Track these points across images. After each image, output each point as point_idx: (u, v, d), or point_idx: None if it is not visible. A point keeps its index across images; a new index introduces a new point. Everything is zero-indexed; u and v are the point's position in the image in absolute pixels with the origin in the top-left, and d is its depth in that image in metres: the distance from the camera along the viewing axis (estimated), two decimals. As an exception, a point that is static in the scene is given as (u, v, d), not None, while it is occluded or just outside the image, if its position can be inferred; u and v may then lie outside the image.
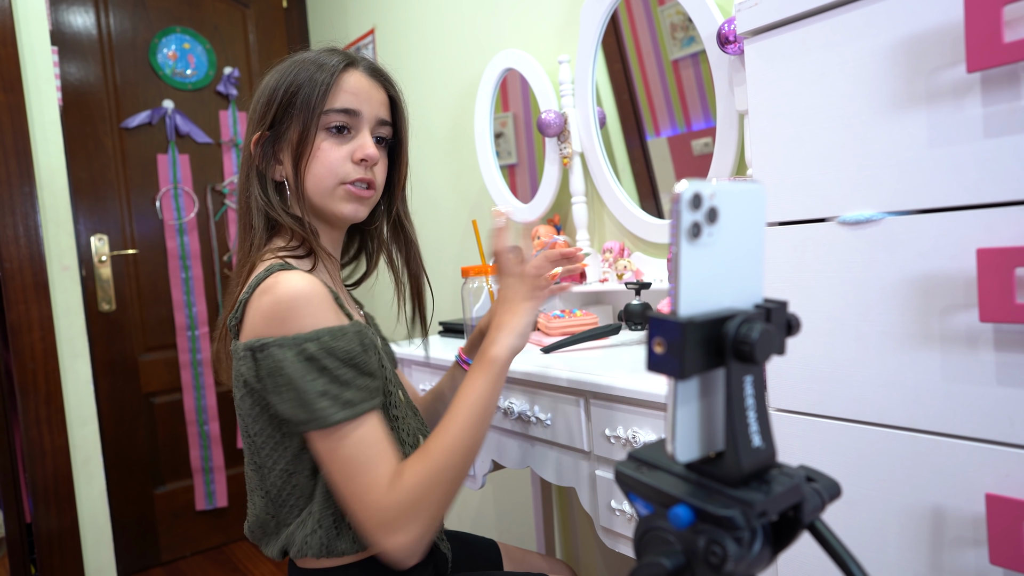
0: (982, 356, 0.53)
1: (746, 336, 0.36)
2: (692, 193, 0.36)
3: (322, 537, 0.84)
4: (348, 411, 0.77)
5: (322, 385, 0.76)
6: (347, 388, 0.77)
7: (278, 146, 0.91)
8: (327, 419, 0.76)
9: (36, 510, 1.92)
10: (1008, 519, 0.51)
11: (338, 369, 0.77)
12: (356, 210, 0.93)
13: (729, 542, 0.36)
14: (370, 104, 0.93)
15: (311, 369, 0.76)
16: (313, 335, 0.77)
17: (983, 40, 0.48)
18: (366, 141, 0.92)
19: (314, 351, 0.76)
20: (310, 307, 0.78)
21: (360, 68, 0.93)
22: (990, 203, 0.52)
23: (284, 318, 0.78)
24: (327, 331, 0.78)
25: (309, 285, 0.79)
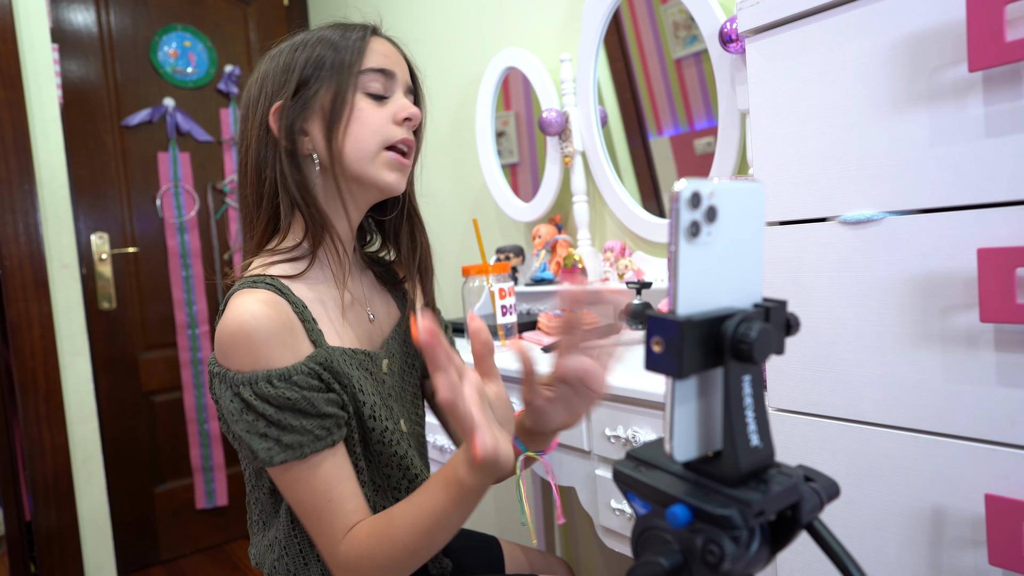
0: (982, 356, 0.53)
1: (744, 335, 0.36)
2: (691, 192, 0.36)
3: (288, 564, 0.82)
4: (289, 453, 0.72)
5: (262, 427, 0.72)
6: (287, 432, 0.73)
7: (306, 115, 0.82)
8: (269, 460, 0.72)
9: (36, 508, 1.92)
10: (1007, 520, 0.51)
11: (275, 414, 0.72)
12: (398, 180, 0.85)
13: (726, 541, 0.36)
14: (400, 67, 0.87)
15: (247, 412, 0.73)
16: (248, 378, 0.72)
17: (985, 39, 0.48)
18: (406, 101, 0.85)
19: (247, 396, 0.72)
20: (249, 345, 0.72)
21: (383, 35, 0.89)
22: (991, 203, 0.52)
23: (226, 351, 0.73)
24: (264, 375, 0.72)
25: (255, 319, 0.72)
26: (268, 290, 0.76)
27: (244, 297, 0.74)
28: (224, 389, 0.73)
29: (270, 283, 0.77)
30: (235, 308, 0.73)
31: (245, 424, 0.72)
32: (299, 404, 0.73)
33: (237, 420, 0.73)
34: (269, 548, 0.84)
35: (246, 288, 0.76)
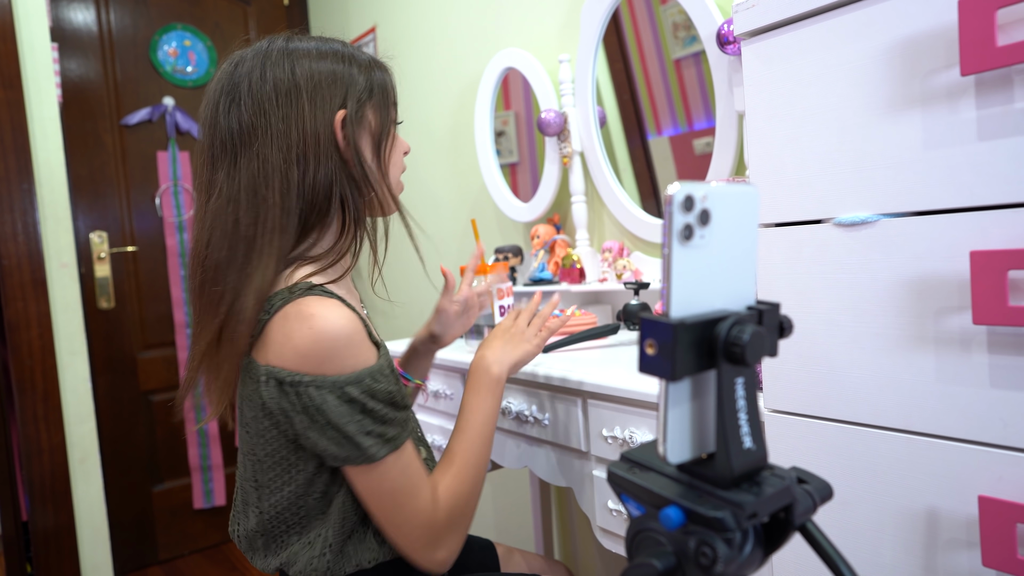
0: (975, 358, 0.53)
1: (737, 338, 0.36)
2: (684, 195, 0.36)
3: (329, 560, 0.83)
4: (391, 446, 0.79)
5: (368, 424, 0.77)
6: (389, 425, 0.79)
7: (359, 131, 0.86)
8: (373, 456, 0.77)
9: (32, 508, 1.92)
10: (1001, 521, 0.51)
11: (379, 409, 0.78)
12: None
13: (719, 543, 0.36)
14: None
15: (354, 411, 0.77)
16: (355, 378, 0.77)
17: (977, 43, 0.48)
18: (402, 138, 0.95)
19: (356, 395, 0.77)
20: (351, 348, 0.77)
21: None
22: (984, 206, 0.52)
23: (323, 358, 0.75)
24: (368, 373, 0.78)
25: (350, 323, 0.77)
26: (324, 295, 0.78)
27: (326, 306, 0.76)
28: (325, 395, 0.75)
29: (324, 291, 0.79)
30: (325, 317, 0.75)
31: (353, 423, 0.76)
32: (396, 396, 0.81)
33: (345, 420, 0.76)
34: (308, 546, 0.84)
35: (309, 297, 0.77)
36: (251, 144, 0.81)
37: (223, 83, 0.84)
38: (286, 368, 0.76)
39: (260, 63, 0.84)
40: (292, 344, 0.75)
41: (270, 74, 0.83)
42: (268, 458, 0.82)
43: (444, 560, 0.83)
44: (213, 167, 0.84)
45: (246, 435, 0.84)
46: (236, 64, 0.85)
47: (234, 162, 0.82)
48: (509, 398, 1.19)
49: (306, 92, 0.83)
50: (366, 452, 0.77)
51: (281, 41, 0.86)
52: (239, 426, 0.87)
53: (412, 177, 2.27)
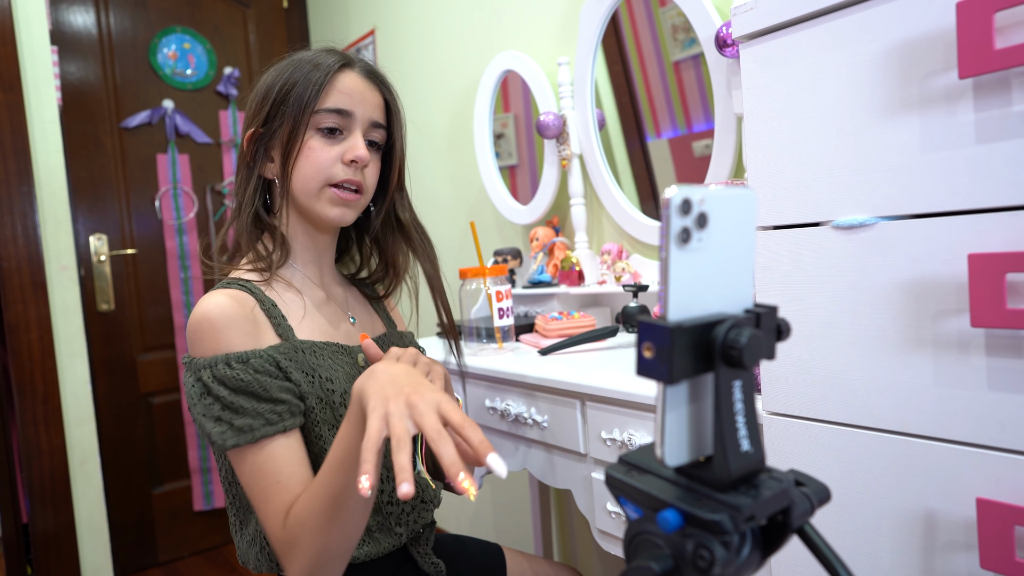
0: (973, 361, 0.53)
1: (734, 341, 0.37)
2: (682, 199, 0.36)
3: (271, 554, 0.84)
4: (241, 437, 0.77)
5: (216, 411, 0.78)
6: (239, 415, 0.78)
7: (270, 143, 0.91)
8: (222, 444, 0.77)
9: (32, 510, 1.92)
10: (999, 523, 0.51)
11: (229, 396, 0.78)
12: (342, 214, 0.92)
13: (717, 546, 0.36)
14: (364, 106, 0.92)
15: (205, 394, 0.79)
16: (208, 362, 0.79)
17: (975, 46, 0.48)
18: (357, 142, 0.90)
19: (205, 378, 0.78)
20: (212, 331, 0.80)
21: (356, 69, 0.93)
22: (982, 208, 0.52)
23: (192, 340, 0.81)
24: (223, 358, 0.79)
25: (218, 307, 0.80)
26: (237, 288, 0.85)
27: (212, 293, 0.83)
28: (188, 375, 0.80)
29: (243, 284, 0.86)
30: (202, 301, 0.82)
31: (202, 407, 0.78)
32: (252, 387, 0.78)
33: (196, 404, 0.79)
34: (251, 543, 0.86)
35: (218, 288, 0.85)
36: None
37: None
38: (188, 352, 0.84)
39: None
40: (187, 325, 0.83)
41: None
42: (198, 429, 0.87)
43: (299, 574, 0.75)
44: None
45: None
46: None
47: None
48: (508, 400, 1.19)
49: (248, 111, 0.94)
50: (212, 439, 0.78)
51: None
52: None
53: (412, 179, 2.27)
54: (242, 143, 0.94)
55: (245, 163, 0.93)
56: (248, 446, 0.78)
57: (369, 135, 0.93)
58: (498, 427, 1.23)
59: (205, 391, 0.78)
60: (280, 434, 0.79)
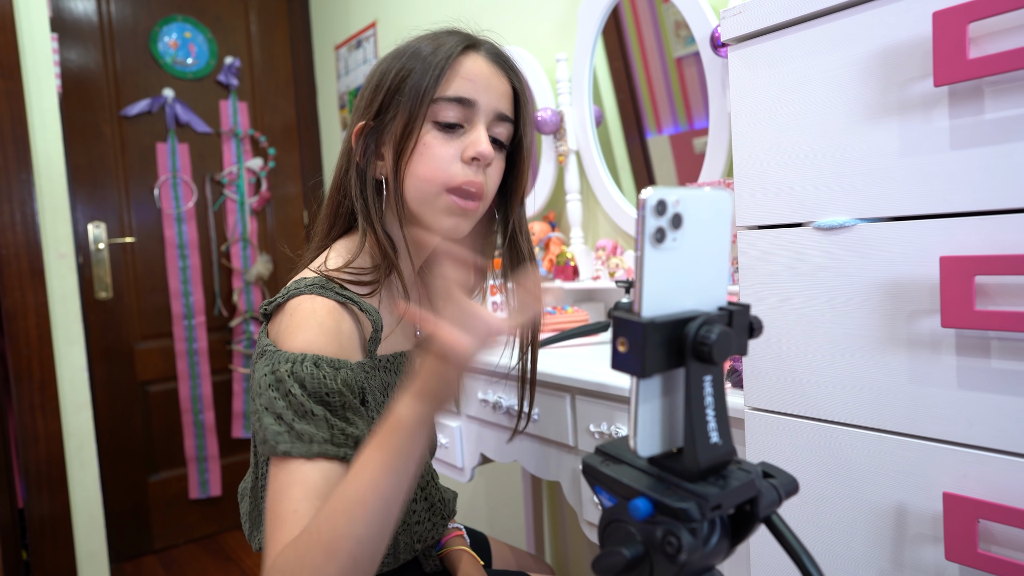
0: (944, 360, 0.55)
1: (705, 337, 0.38)
2: (657, 200, 0.38)
3: None
4: (296, 445, 0.66)
5: (281, 408, 0.67)
6: (305, 420, 0.67)
7: (381, 139, 0.81)
8: (274, 445, 0.66)
9: (29, 495, 1.94)
10: (964, 517, 0.53)
11: (302, 399, 0.67)
12: (457, 226, 0.80)
13: (684, 533, 0.38)
14: (488, 93, 0.80)
15: (275, 389, 0.68)
16: (294, 356, 0.69)
17: (949, 55, 0.50)
18: (480, 136, 0.78)
19: (282, 371, 0.68)
20: (306, 329, 0.70)
21: (482, 52, 0.83)
22: (954, 212, 0.53)
23: (281, 331, 0.72)
24: (312, 357, 0.69)
25: (323, 309, 0.72)
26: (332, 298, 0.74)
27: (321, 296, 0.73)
28: (264, 364, 0.70)
29: (340, 293, 0.75)
30: (310, 298, 0.72)
31: (267, 399, 0.68)
32: (331, 398, 0.68)
33: (261, 394, 0.69)
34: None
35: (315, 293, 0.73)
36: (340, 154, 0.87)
37: None
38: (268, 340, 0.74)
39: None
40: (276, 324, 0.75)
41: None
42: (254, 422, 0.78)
43: None
44: None
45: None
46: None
47: None
48: (500, 393, 1.20)
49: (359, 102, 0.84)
50: (266, 437, 0.67)
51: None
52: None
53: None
54: (349, 138, 0.83)
55: (352, 161, 0.82)
56: (298, 459, 0.65)
57: (493, 130, 0.82)
58: (490, 419, 1.24)
59: (276, 384, 0.68)
60: (337, 460, 0.67)
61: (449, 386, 0.59)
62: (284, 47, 2.75)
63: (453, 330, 0.56)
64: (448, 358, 0.57)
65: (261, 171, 2.68)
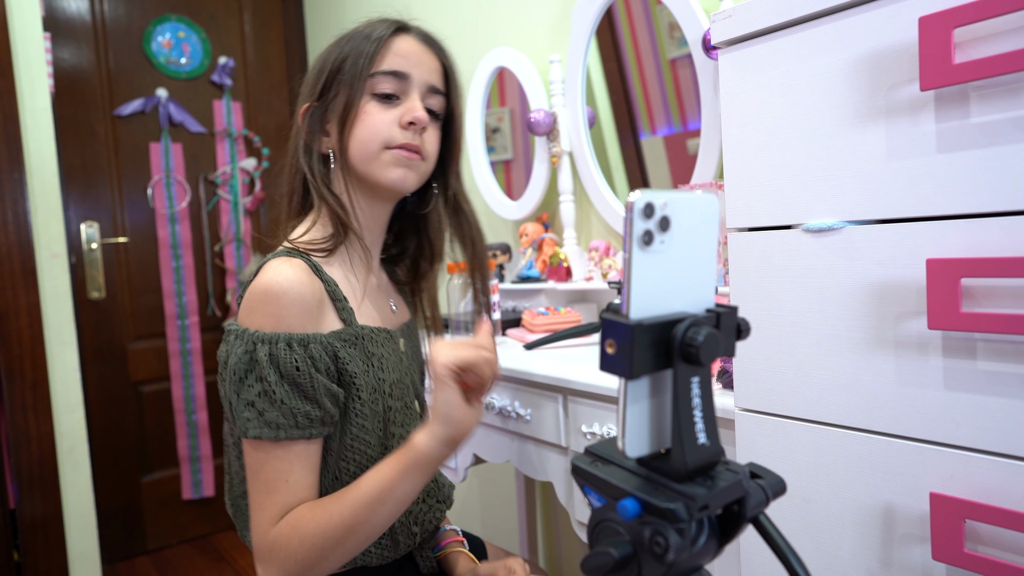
0: (931, 361, 0.55)
1: (692, 339, 0.38)
2: (644, 203, 0.38)
3: None
4: (265, 431, 0.74)
5: (253, 395, 0.74)
6: (274, 408, 0.74)
7: (326, 117, 0.88)
8: (244, 431, 0.75)
9: (20, 496, 1.93)
10: (950, 517, 0.53)
11: (275, 384, 0.73)
12: (404, 176, 0.87)
13: (672, 533, 0.38)
14: (421, 69, 0.89)
15: (250, 373, 0.74)
16: (269, 337, 0.74)
17: (935, 60, 0.50)
18: (415, 104, 0.87)
19: (260, 355, 0.73)
20: (278, 305, 0.74)
21: (412, 33, 0.91)
22: (940, 215, 0.54)
23: (252, 309, 0.76)
24: (285, 336, 0.74)
25: (288, 282, 0.75)
26: (304, 262, 0.79)
27: (280, 264, 0.77)
28: (238, 344, 0.74)
29: (297, 253, 0.81)
30: (269, 271, 0.76)
31: (241, 385, 0.74)
32: (301, 379, 0.75)
33: (239, 378, 0.74)
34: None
35: (282, 257, 0.79)
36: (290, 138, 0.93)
37: None
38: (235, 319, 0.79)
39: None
40: (247, 293, 0.78)
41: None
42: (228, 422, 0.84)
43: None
44: None
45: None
46: None
47: None
48: (494, 394, 1.20)
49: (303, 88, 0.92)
50: (241, 424, 0.74)
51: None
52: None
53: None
54: (296, 119, 0.90)
55: (300, 138, 0.89)
56: (268, 442, 0.75)
57: (427, 101, 0.90)
58: (485, 420, 1.25)
59: (252, 368, 0.74)
60: (303, 440, 0.76)
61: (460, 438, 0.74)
62: (278, 47, 2.75)
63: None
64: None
65: (255, 171, 2.68)
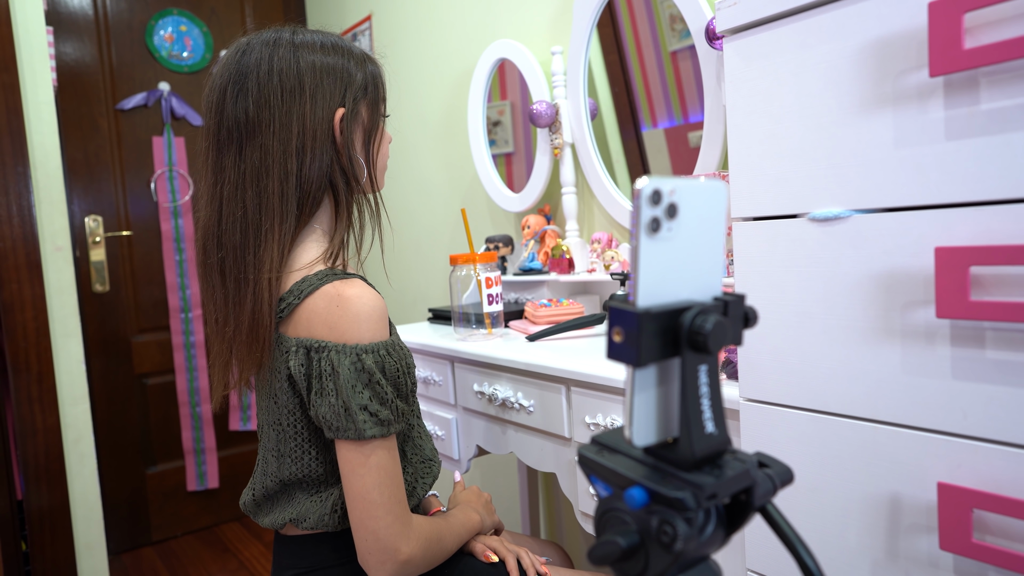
0: (939, 351, 0.55)
1: (700, 327, 0.38)
2: (652, 189, 0.38)
3: (340, 519, 0.90)
4: (381, 429, 0.82)
5: (365, 399, 0.82)
6: (385, 407, 0.83)
7: (351, 126, 0.92)
8: (363, 432, 0.81)
9: (27, 487, 1.94)
10: (958, 507, 0.53)
11: (384, 386, 0.83)
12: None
13: (679, 522, 0.38)
14: None
15: (362, 381, 0.82)
16: (372, 347, 0.83)
17: (945, 46, 0.50)
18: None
19: (369, 364, 0.82)
20: (373, 321, 0.83)
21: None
22: (949, 203, 0.54)
23: (348, 328, 0.82)
24: (384, 345, 0.84)
25: (376, 300, 0.85)
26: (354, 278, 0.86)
27: (349, 287, 0.84)
28: (342, 359, 0.81)
29: (347, 274, 0.87)
30: (350, 295, 0.83)
31: (354, 393, 0.81)
32: (400, 379, 0.86)
33: (349, 388, 0.81)
34: (319, 503, 0.90)
35: (340, 280, 0.84)
36: (256, 135, 0.87)
37: (230, 70, 0.89)
38: (315, 338, 0.83)
39: (268, 55, 0.88)
40: (323, 318, 0.83)
41: (276, 67, 0.88)
42: (291, 427, 0.88)
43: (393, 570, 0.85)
44: (219, 151, 0.89)
45: (273, 406, 0.89)
46: (243, 53, 0.89)
47: (239, 151, 0.88)
48: (496, 385, 1.20)
49: (308, 89, 0.88)
50: (357, 426, 0.81)
51: (287, 34, 0.91)
52: (265, 398, 0.92)
53: (405, 165, 2.28)
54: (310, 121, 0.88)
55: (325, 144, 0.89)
56: (379, 439, 0.83)
57: None
58: (486, 411, 1.25)
59: (361, 376, 0.82)
60: (395, 434, 0.86)
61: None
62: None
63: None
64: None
65: (258, 164, 2.67)
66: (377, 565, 0.83)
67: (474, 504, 1.05)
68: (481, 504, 1.06)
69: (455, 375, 1.33)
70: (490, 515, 1.06)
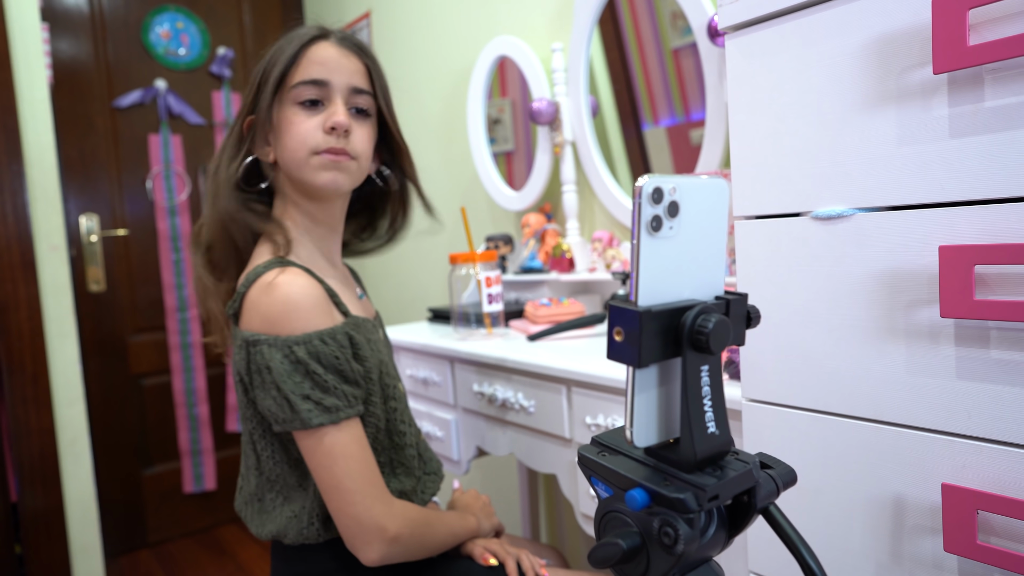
0: (943, 350, 0.54)
1: (702, 327, 0.38)
2: (653, 187, 0.37)
3: (319, 529, 0.89)
4: (328, 416, 0.82)
5: (306, 388, 0.82)
6: (328, 394, 0.83)
7: (265, 127, 0.92)
8: (308, 421, 0.81)
9: (22, 489, 1.93)
10: (962, 508, 0.53)
11: (322, 374, 0.82)
12: (335, 178, 0.91)
13: (681, 524, 0.38)
14: (340, 73, 0.91)
15: (296, 372, 0.82)
16: (304, 338, 0.82)
17: (949, 42, 0.49)
18: (337, 109, 0.90)
19: (302, 355, 0.82)
20: (303, 311, 0.83)
21: (330, 39, 0.93)
22: (953, 202, 0.53)
23: (278, 320, 0.82)
24: (317, 335, 0.83)
25: (306, 289, 0.84)
26: (299, 268, 0.86)
27: (289, 274, 0.84)
28: (274, 352, 0.82)
29: (286, 262, 0.87)
30: (285, 282, 0.83)
31: (292, 385, 0.81)
32: (341, 365, 0.84)
33: (286, 380, 0.81)
34: (294, 519, 0.90)
35: (275, 269, 0.85)
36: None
37: None
38: (252, 331, 0.84)
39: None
40: (257, 310, 0.84)
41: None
42: (250, 423, 0.90)
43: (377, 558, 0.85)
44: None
45: (239, 407, 0.92)
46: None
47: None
48: (496, 385, 1.20)
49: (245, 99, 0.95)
50: (300, 416, 0.81)
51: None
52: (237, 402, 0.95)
53: (405, 164, 2.27)
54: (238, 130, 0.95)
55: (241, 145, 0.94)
56: (331, 426, 0.83)
57: (354, 102, 0.93)
58: (486, 412, 1.24)
59: (296, 367, 0.82)
60: (355, 417, 0.86)
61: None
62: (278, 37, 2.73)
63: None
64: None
65: (255, 163, 2.66)
66: (364, 547, 0.83)
67: (472, 507, 1.04)
68: (479, 507, 1.05)
69: (455, 375, 1.32)
70: (489, 517, 1.05)
